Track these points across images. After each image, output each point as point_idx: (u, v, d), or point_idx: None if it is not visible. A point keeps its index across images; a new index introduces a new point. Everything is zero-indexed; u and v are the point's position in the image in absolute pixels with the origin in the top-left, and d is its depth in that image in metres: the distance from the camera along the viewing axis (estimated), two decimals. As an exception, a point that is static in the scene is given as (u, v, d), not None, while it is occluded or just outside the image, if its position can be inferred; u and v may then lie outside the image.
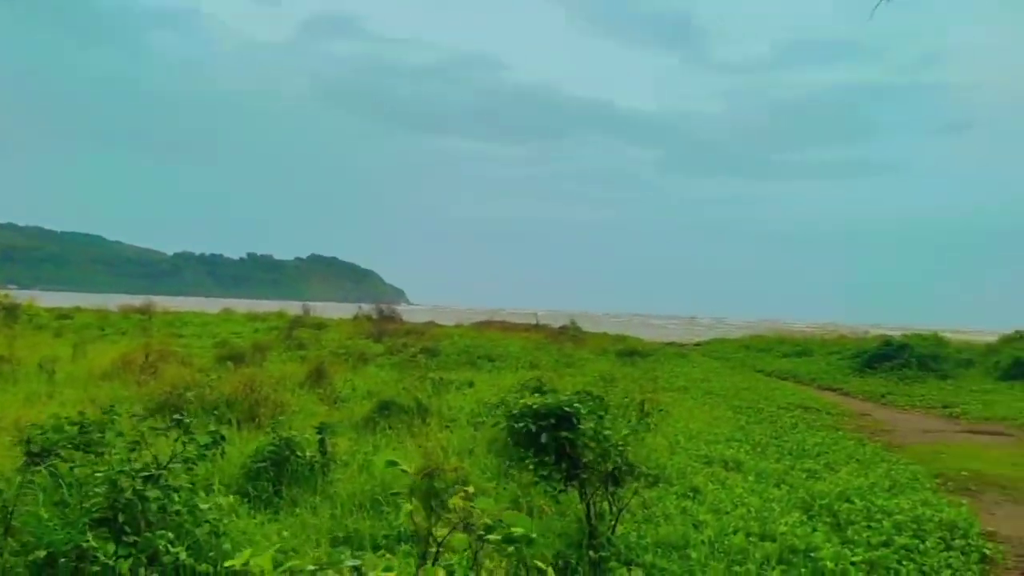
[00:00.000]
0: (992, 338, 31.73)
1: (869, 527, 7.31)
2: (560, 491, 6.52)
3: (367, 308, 43.78)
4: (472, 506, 4.31)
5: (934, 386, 22.66)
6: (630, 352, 25.97)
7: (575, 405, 6.61)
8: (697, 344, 44.29)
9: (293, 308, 46.26)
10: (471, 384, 15.96)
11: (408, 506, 3.74)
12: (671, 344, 46.36)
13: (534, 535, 3.25)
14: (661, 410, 12.07)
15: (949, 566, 6.62)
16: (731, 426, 12.74)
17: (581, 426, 6.40)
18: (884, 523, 7.39)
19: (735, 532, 6.63)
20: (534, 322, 36.42)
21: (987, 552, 7.16)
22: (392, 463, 4.80)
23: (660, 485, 8.19)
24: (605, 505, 6.46)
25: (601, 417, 6.71)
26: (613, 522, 6.39)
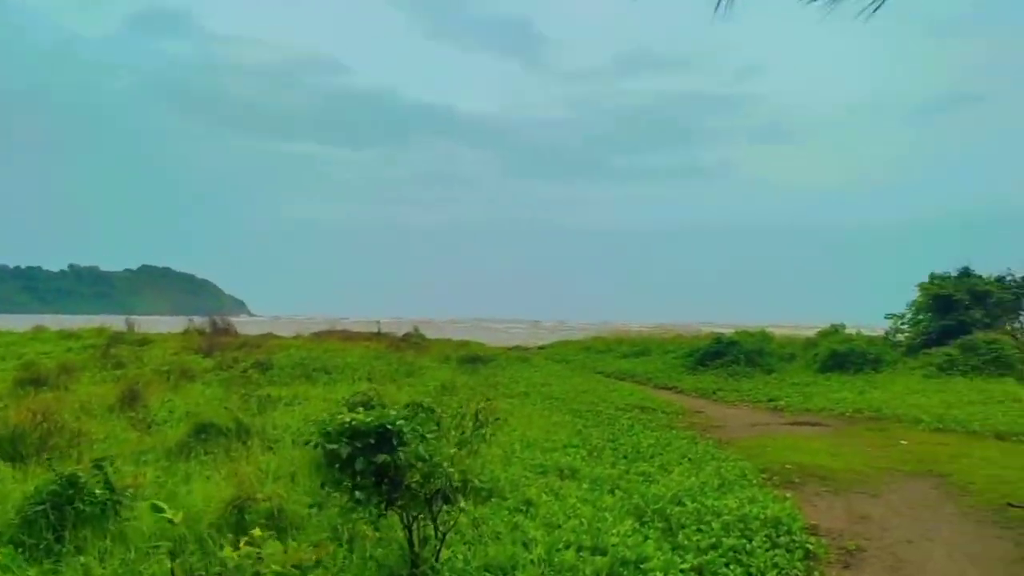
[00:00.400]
0: (812, 332, 33.80)
1: (699, 530, 7.26)
2: (380, 516, 6.03)
3: (199, 321, 41.53)
4: (259, 552, 3.76)
5: (760, 381, 23.75)
6: (472, 358, 25.74)
7: (398, 422, 6.14)
8: (541, 347, 44.74)
9: (118, 323, 43.03)
10: (302, 400, 15.13)
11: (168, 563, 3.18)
12: (515, 348, 46.61)
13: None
14: (498, 419, 11.76)
15: (775, 565, 6.63)
16: (569, 431, 12.64)
17: (404, 445, 5.95)
18: (713, 524, 7.38)
19: (566, 547, 6.36)
20: (376, 330, 35.57)
21: (810, 547, 7.27)
22: (157, 509, 4.17)
23: (493, 500, 7.85)
24: (431, 528, 6.04)
25: (426, 435, 6.28)
26: (438, 546, 5.97)
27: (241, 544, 3.56)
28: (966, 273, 29.35)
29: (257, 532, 4.20)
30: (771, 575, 6.45)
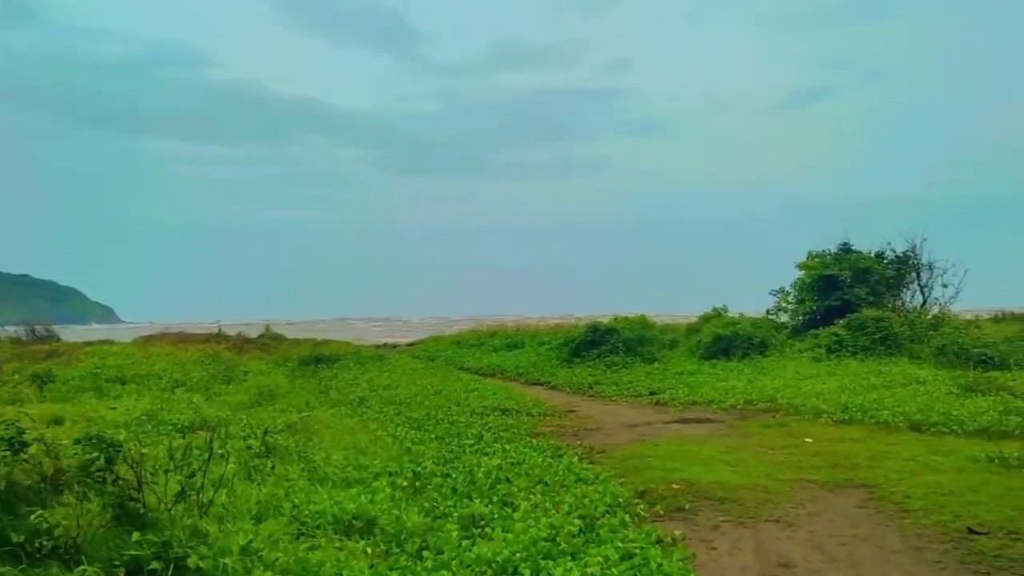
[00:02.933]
0: (694, 319, 31.92)
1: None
2: None
3: (13, 329, 36.47)
4: None
5: (641, 371, 21.38)
6: (315, 359, 22.30)
7: None
8: (410, 344, 41.61)
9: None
10: (57, 421, 11.49)
11: None
12: (383, 346, 43.33)
13: None
14: (280, 446, 8.60)
15: None
16: (393, 451, 9.58)
17: None
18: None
19: None
20: (215, 332, 31.53)
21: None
22: None
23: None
24: None
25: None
26: None
27: None
28: (846, 250, 27.98)
29: None
30: None
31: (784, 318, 28.12)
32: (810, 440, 11.47)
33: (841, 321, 22.81)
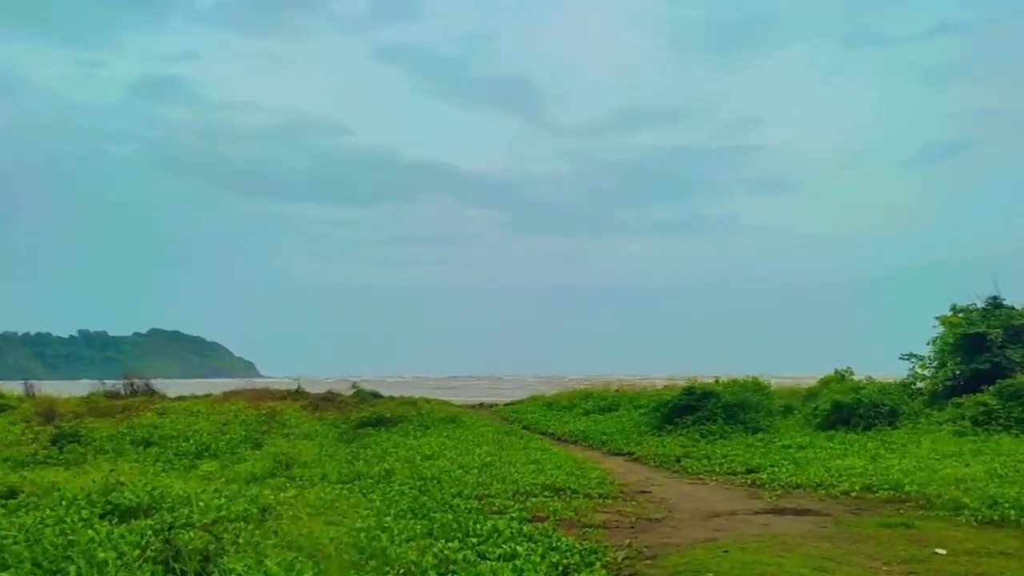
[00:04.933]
0: (814, 382, 28.30)
1: None
2: None
3: (112, 384, 36.66)
4: None
5: (740, 442, 18.29)
6: (376, 420, 20.33)
7: None
8: (507, 404, 39.38)
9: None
10: (12, 493, 9.92)
11: None
12: (479, 406, 41.34)
13: None
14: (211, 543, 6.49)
15: None
16: (369, 549, 7.30)
17: None
18: None
19: None
20: (295, 388, 30.29)
21: None
22: None
23: None
24: None
25: None
26: None
27: None
28: (995, 304, 23.97)
29: None
30: None
31: (920, 385, 24.27)
32: (943, 552, 8.42)
33: (990, 388, 19.08)
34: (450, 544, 7.86)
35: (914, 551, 8.48)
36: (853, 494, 12.46)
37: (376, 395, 36.78)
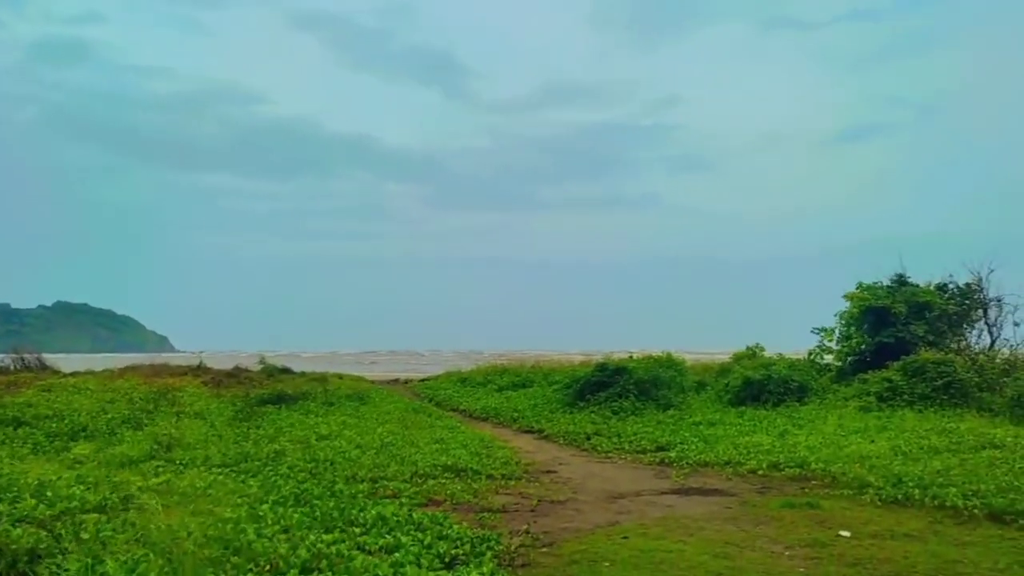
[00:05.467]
0: (728, 357, 28.45)
1: None
2: None
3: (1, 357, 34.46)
4: None
5: (652, 419, 18.06)
6: (277, 398, 19.34)
7: None
8: (423, 380, 38.67)
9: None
10: None
11: None
12: (394, 381, 40.55)
13: None
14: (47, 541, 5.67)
15: None
16: (235, 544, 6.56)
17: None
18: None
19: None
20: (197, 363, 28.92)
21: None
22: None
23: None
24: None
25: None
26: None
27: None
28: (901, 281, 24.35)
29: None
30: None
31: (828, 359, 24.56)
32: (847, 534, 8.16)
33: (895, 364, 19.30)
34: (327, 535, 7.19)
35: (818, 533, 8.20)
36: (760, 472, 12.27)
37: (286, 370, 35.54)
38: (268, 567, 6.28)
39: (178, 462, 11.08)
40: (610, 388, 20.11)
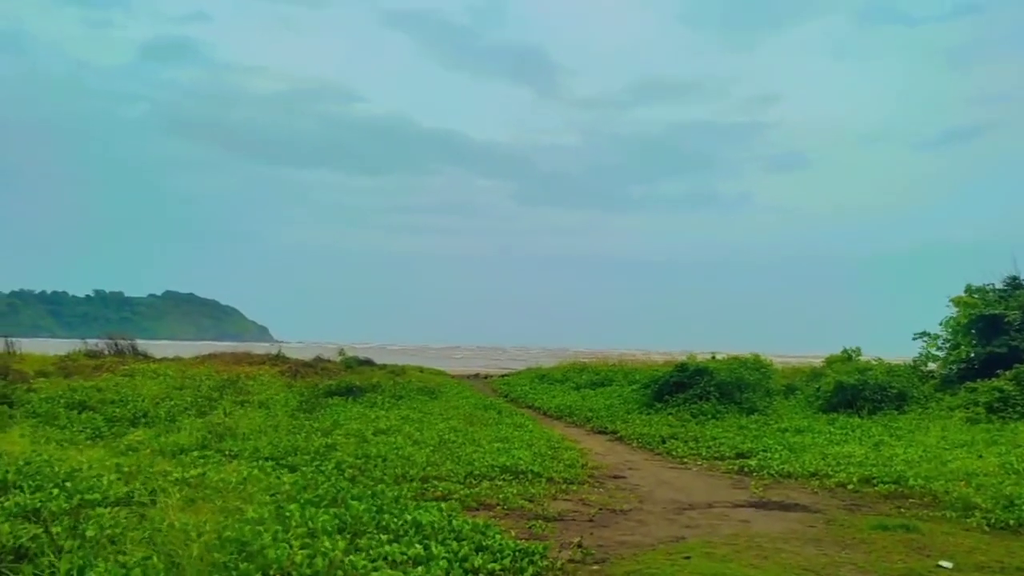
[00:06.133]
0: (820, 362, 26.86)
1: None
2: None
3: (95, 342, 35.52)
4: None
5: (733, 424, 16.94)
6: (346, 389, 19.03)
7: None
8: (504, 375, 38.16)
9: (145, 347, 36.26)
10: None
11: None
12: (475, 376, 40.20)
13: None
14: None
15: None
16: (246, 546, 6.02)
17: None
18: None
19: None
20: (276, 352, 29.11)
21: None
22: None
23: None
24: None
25: None
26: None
27: None
28: (1015, 285, 22.38)
29: None
30: None
31: (932, 367, 22.78)
32: (949, 565, 7.06)
33: (1007, 373, 17.63)
34: (359, 540, 6.59)
35: (914, 563, 7.13)
36: (850, 487, 11.11)
37: (367, 362, 35.60)
38: None
39: (227, 452, 10.72)
40: (690, 389, 19.04)
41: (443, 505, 8.01)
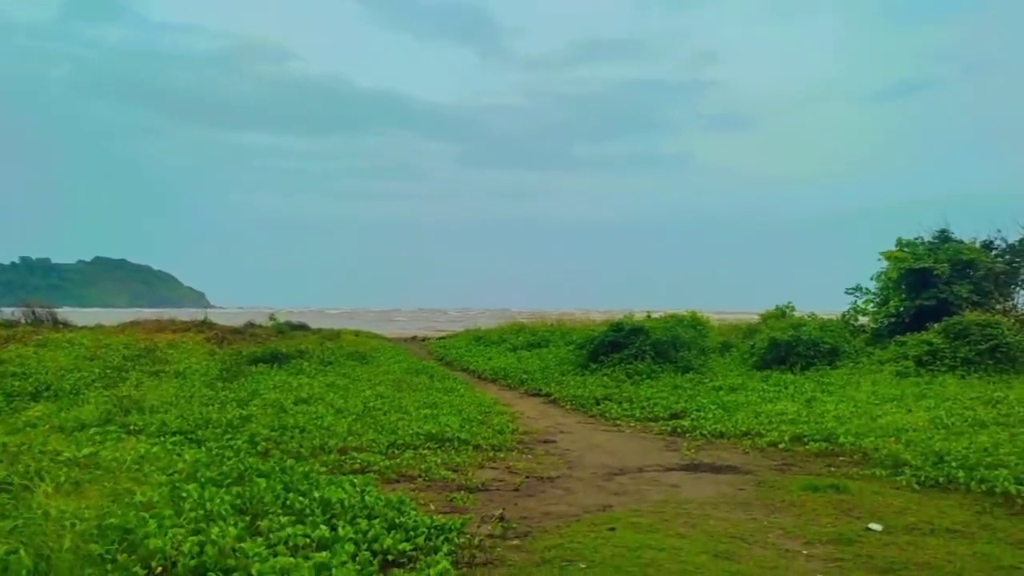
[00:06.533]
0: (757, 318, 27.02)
1: None
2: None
3: (11, 311, 33.87)
4: None
5: (668, 383, 16.77)
6: (272, 356, 18.31)
7: None
8: (440, 338, 37.67)
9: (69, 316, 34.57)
10: None
11: None
12: (412, 339, 39.67)
13: None
14: None
15: None
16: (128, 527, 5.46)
17: None
18: None
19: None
20: (202, 318, 28.09)
21: None
22: None
23: None
24: None
25: None
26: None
27: None
28: (944, 238, 22.66)
29: None
30: None
31: (863, 321, 23.03)
32: (879, 528, 6.87)
33: (936, 326, 17.80)
34: (260, 522, 6.08)
35: (843, 526, 6.92)
36: (781, 446, 10.98)
37: (301, 327, 34.71)
38: (160, 568, 5.17)
39: (131, 428, 10.05)
40: (625, 349, 18.83)
41: (357, 480, 7.52)
